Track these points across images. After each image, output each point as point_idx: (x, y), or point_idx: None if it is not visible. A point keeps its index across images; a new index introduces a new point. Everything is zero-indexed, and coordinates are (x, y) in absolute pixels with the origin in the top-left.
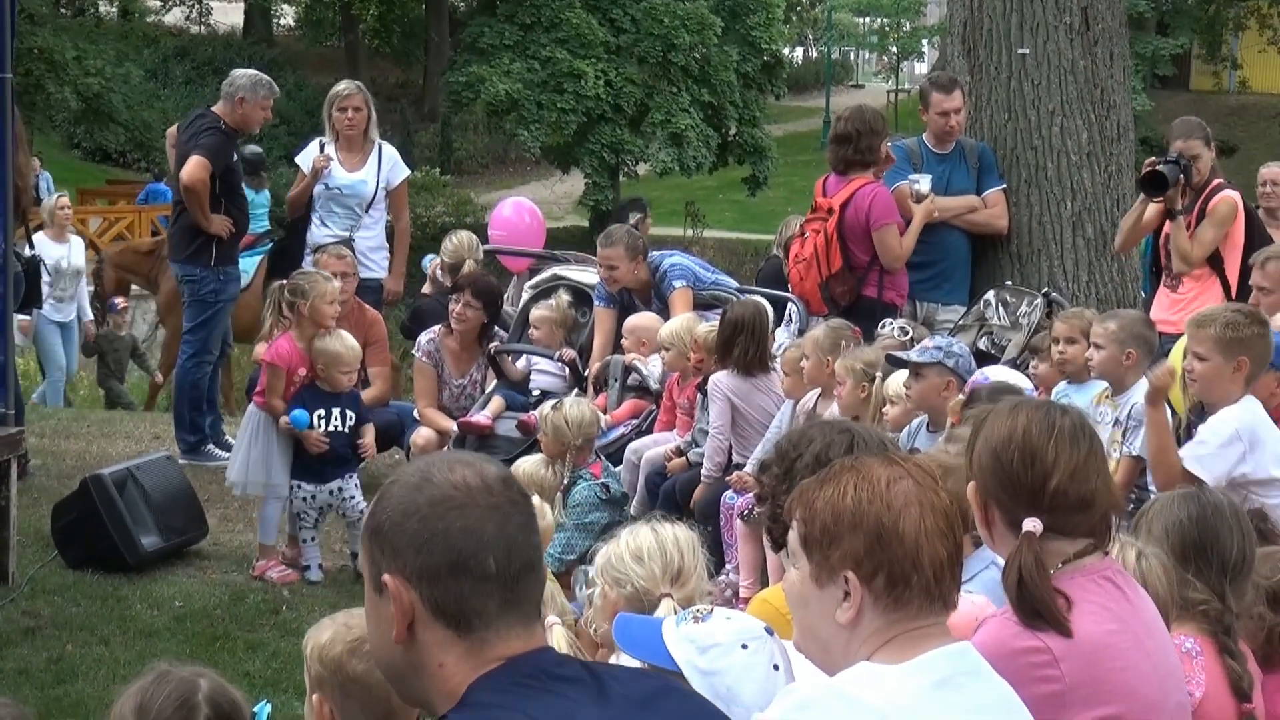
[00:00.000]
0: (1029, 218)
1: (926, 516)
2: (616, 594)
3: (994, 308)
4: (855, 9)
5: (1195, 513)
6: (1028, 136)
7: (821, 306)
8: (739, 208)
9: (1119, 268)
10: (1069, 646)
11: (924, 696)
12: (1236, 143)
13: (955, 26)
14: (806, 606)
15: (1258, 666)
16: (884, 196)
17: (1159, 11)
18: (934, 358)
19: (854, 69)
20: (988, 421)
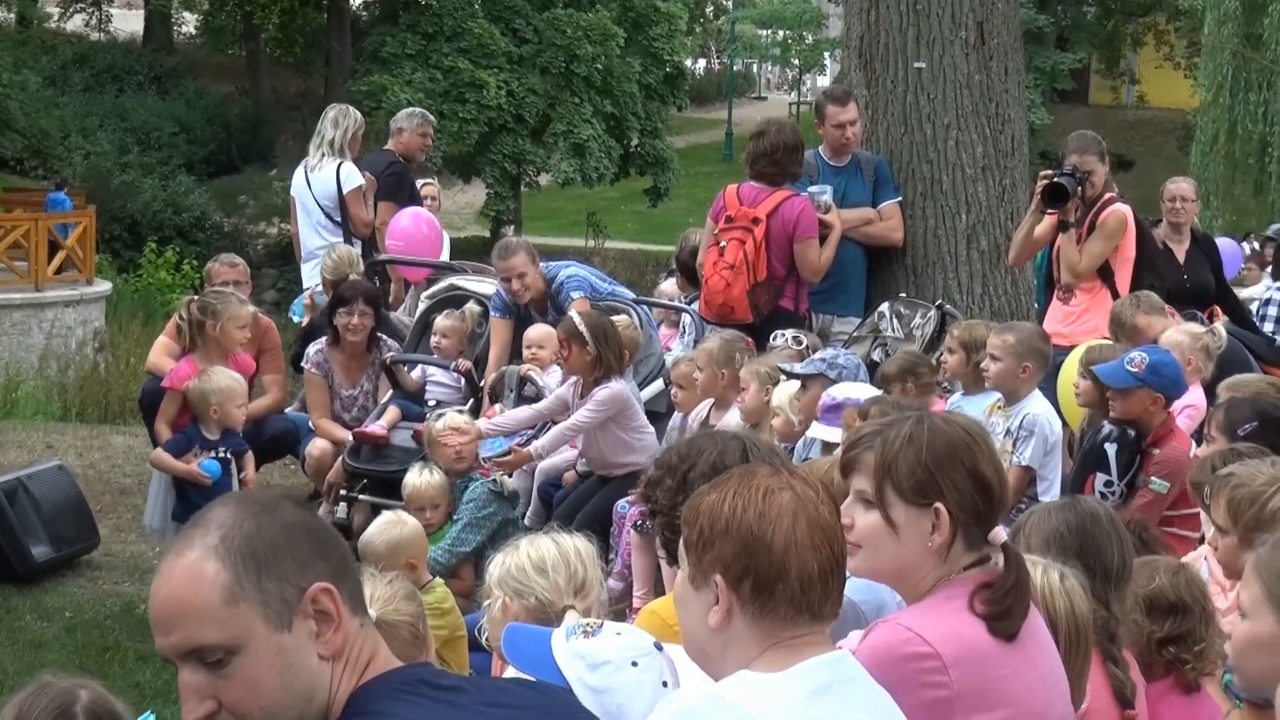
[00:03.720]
0: (924, 230)
1: (800, 528)
2: (518, 605)
3: (888, 320)
4: (758, 21)
5: (1074, 522)
6: (923, 150)
7: (748, 315)
8: (640, 219)
9: (1013, 280)
10: (958, 654)
11: (802, 704)
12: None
13: (852, 40)
14: (686, 608)
15: (1140, 674)
16: (809, 210)
17: (1059, 26)
18: (817, 369)
19: (756, 81)
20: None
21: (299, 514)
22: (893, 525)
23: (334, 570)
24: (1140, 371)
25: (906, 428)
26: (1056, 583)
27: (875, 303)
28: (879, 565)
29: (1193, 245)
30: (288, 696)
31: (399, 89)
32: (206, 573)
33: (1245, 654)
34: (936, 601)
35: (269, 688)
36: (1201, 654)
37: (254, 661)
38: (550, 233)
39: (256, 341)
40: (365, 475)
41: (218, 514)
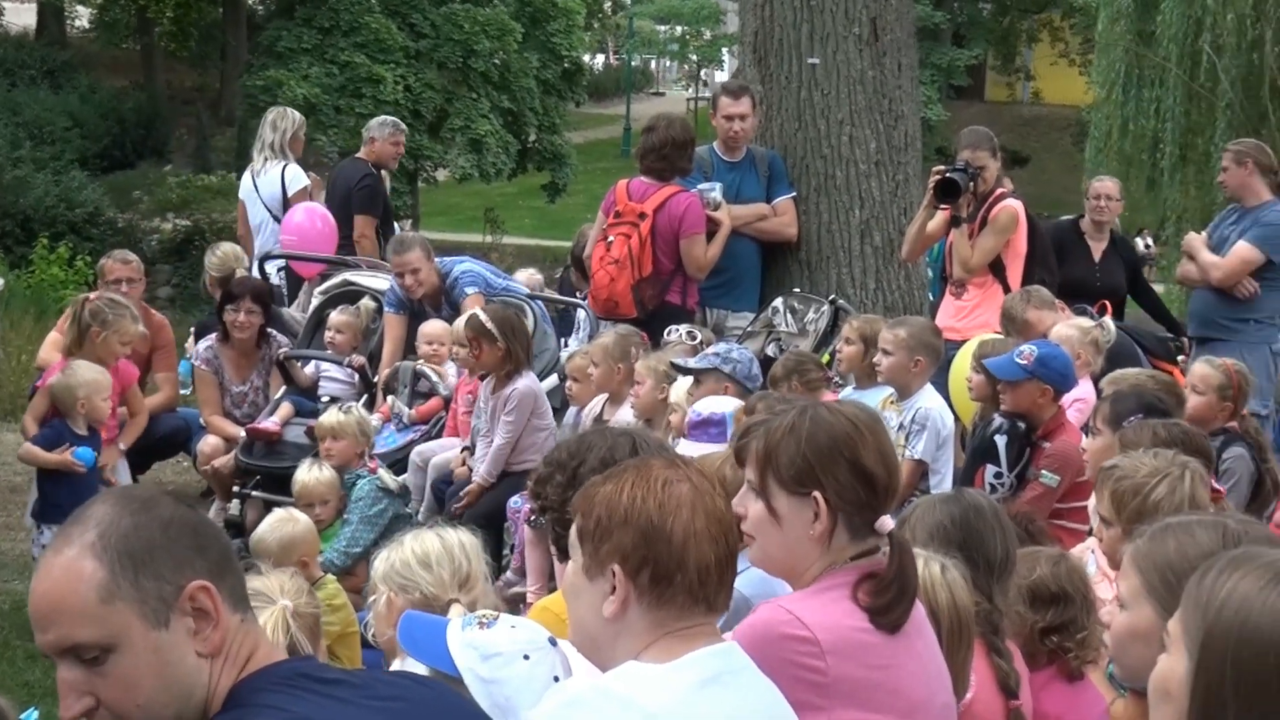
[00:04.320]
0: (818, 226)
1: (698, 519)
2: (403, 600)
3: (782, 315)
4: (656, 17)
5: (958, 515)
6: (817, 145)
7: (631, 309)
8: (538, 214)
9: (906, 275)
10: (836, 641)
11: (690, 694)
12: (1029, 153)
13: (747, 36)
14: (578, 598)
15: (1023, 664)
16: (696, 206)
17: (955, 23)
18: (711, 364)
19: (654, 77)
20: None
21: (178, 510)
22: (775, 514)
23: (213, 567)
24: (1029, 364)
25: (790, 418)
26: (938, 575)
27: (769, 298)
28: (768, 554)
29: (1110, 246)
30: (165, 694)
31: (295, 84)
32: (83, 571)
33: (1124, 644)
34: (819, 588)
35: (146, 685)
36: (1084, 642)
37: (131, 659)
38: (448, 229)
39: (150, 339)
40: (258, 471)
41: (96, 511)
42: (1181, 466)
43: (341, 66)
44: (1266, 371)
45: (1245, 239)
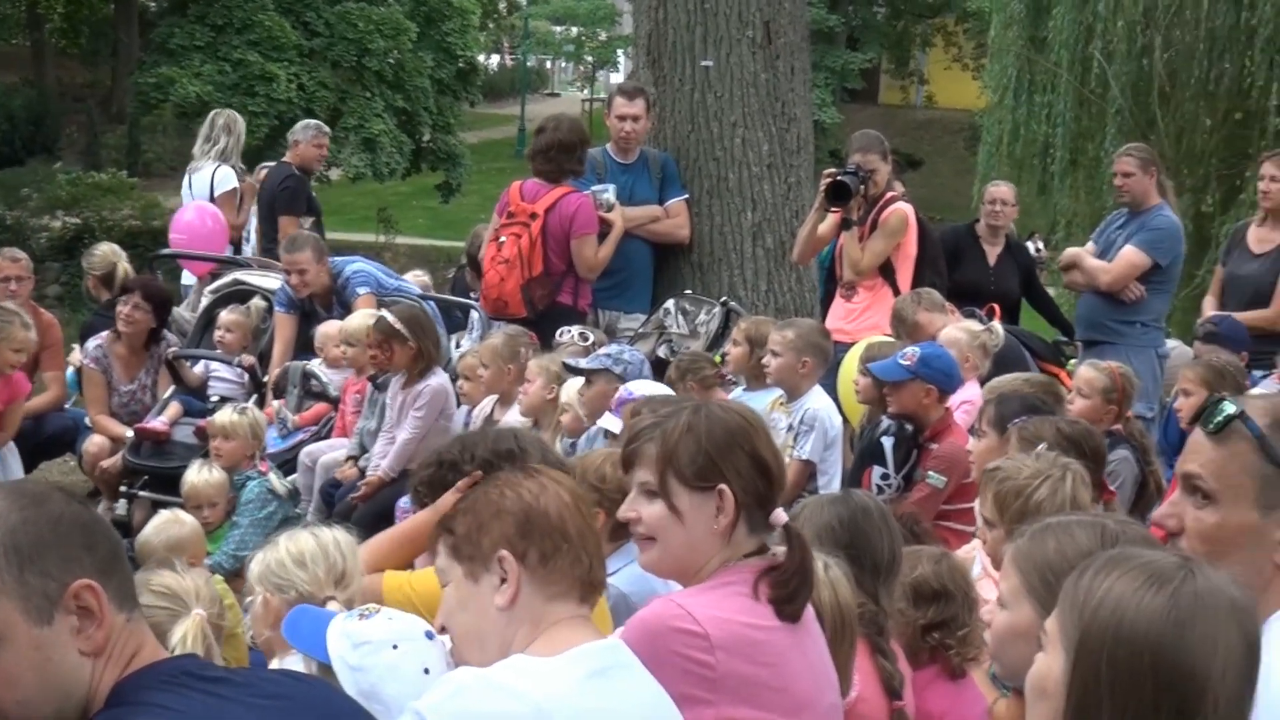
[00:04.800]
0: (710, 228)
1: (565, 496)
2: (279, 600)
3: (674, 316)
4: (551, 17)
5: (845, 516)
6: (710, 148)
7: (520, 309)
8: (432, 214)
9: (797, 277)
10: (726, 637)
11: (578, 685)
12: (922, 156)
13: (641, 38)
14: (465, 609)
15: (907, 664)
16: (588, 207)
17: (849, 26)
18: (603, 364)
19: (550, 77)
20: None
21: (69, 507)
22: (678, 513)
23: (101, 565)
24: (911, 365)
25: (684, 417)
26: (821, 573)
27: (661, 299)
28: (670, 554)
29: (1005, 250)
30: (44, 691)
31: (187, 81)
32: None
33: (1004, 643)
34: (713, 585)
35: (26, 681)
36: (965, 640)
37: (12, 655)
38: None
39: (39, 338)
40: (146, 471)
41: None
42: (1063, 468)
43: (234, 64)
44: (1152, 374)
45: (1133, 243)
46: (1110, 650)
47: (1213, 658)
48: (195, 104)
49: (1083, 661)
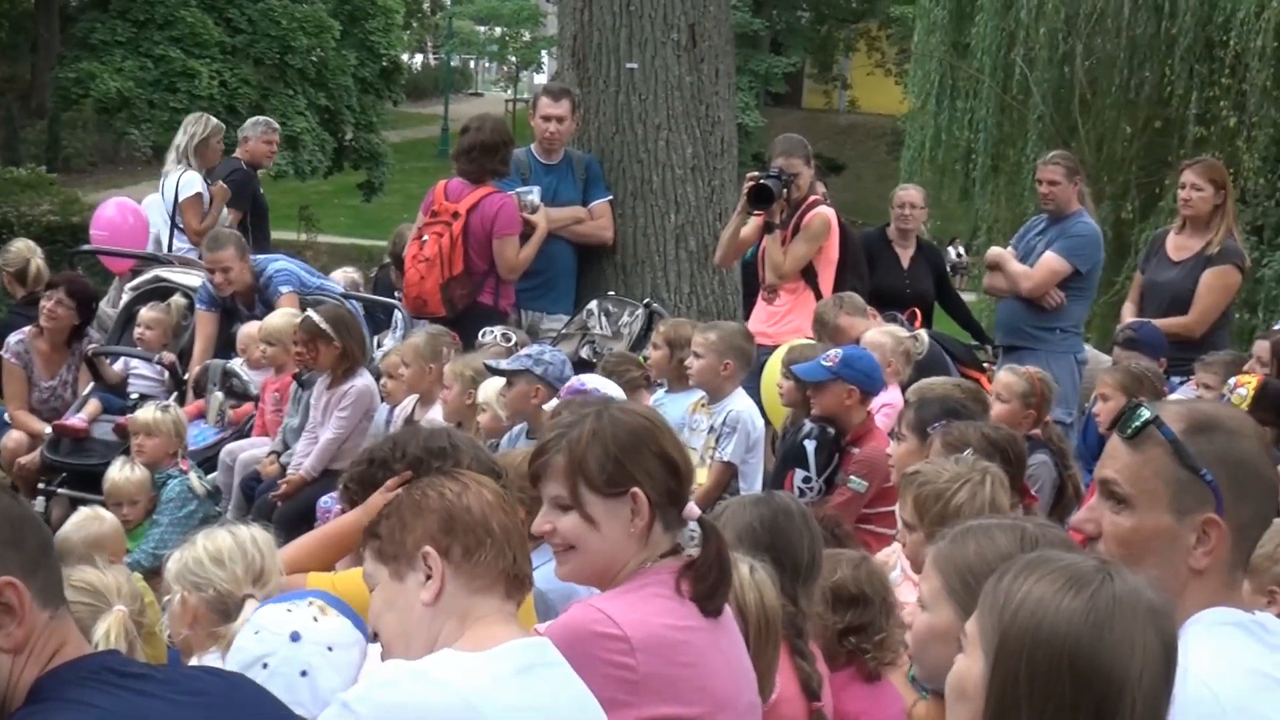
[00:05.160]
0: (634, 230)
1: (487, 495)
2: (197, 599)
3: (597, 317)
4: (475, 17)
5: (766, 517)
6: (634, 150)
7: (440, 308)
8: (354, 213)
9: (720, 280)
10: (646, 639)
11: (505, 681)
12: (845, 161)
13: (566, 39)
14: (392, 608)
15: (825, 665)
16: (510, 207)
17: (773, 30)
18: (523, 365)
19: (473, 77)
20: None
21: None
22: (593, 521)
23: (26, 562)
24: (834, 366)
25: (588, 424)
26: (746, 576)
27: (584, 300)
28: (589, 562)
29: (918, 252)
30: None
31: (108, 77)
32: None
33: (924, 645)
34: (631, 587)
35: None
36: (882, 644)
37: None
38: None
39: None
40: (64, 468)
41: None
42: (982, 472)
43: (156, 60)
44: (1071, 380)
45: (1053, 250)
46: (1029, 652)
47: (1130, 660)
48: (116, 100)
49: (1002, 663)
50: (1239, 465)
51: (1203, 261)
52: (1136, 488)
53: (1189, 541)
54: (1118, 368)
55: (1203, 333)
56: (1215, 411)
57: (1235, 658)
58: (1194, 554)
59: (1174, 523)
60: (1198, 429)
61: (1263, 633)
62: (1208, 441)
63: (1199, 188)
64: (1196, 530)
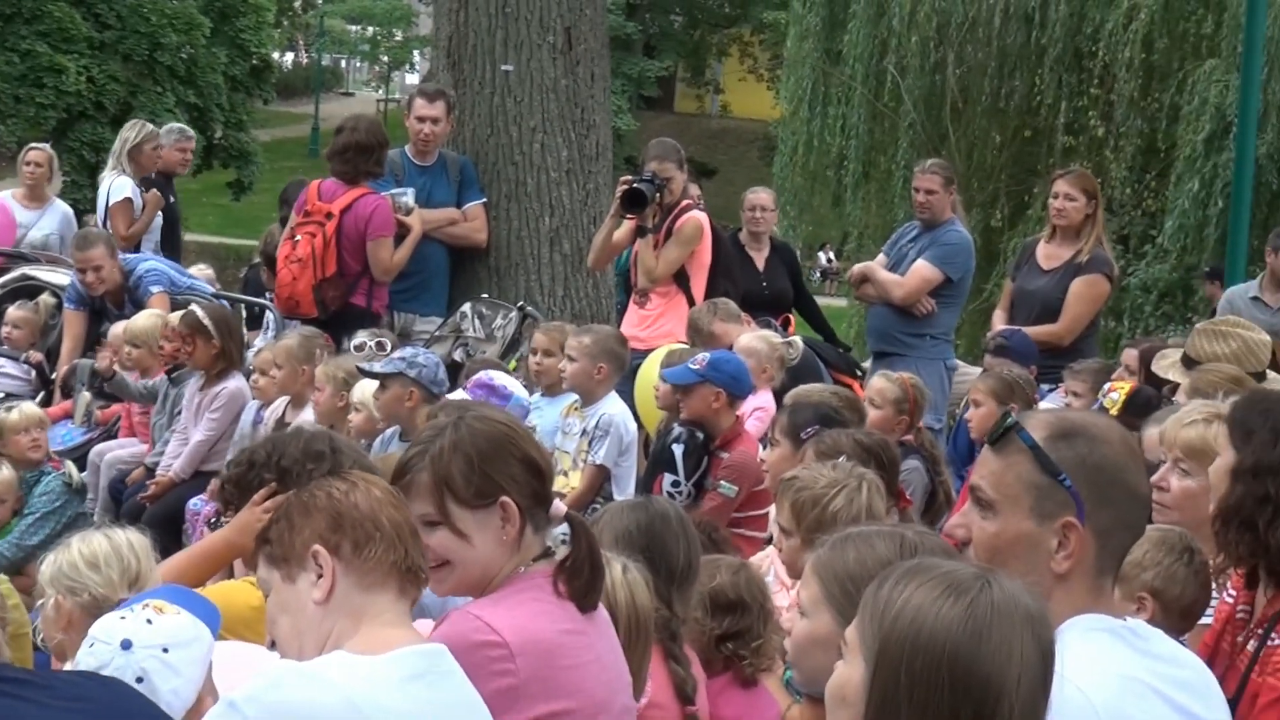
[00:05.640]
0: (508, 232)
1: (375, 492)
2: (72, 603)
3: (470, 320)
4: (347, 17)
5: (643, 521)
6: (509, 152)
7: (312, 309)
8: (223, 212)
9: (594, 283)
10: (525, 643)
11: (394, 687)
12: (717, 165)
13: (441, 40)
14: (286, 611)
15: (701, 670)
16: (384, 209)
17: (646, 34)
18: (397, 368)
19: (344, 76)
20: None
21: None
22: (464, 536)
23: None
24: (701, 368)
25: (447, 437)
26: (619, 575)
27: (457, 302)
28: (465, 576)
29: (772, 253)
30: None
31: None
32: None
33: (803, 651)
34: (507, 593)
35: None
36: (759, 650)
37: None
38: None
39: None
40: None
41: None
42: (859, 478)
43: (23, 55)
44: (940, 386)
45: (925, 258)
46: (909, 659)
47: (1008, 666)
48: None
49: (882, 670)
50: (1099, 471)
51: (1072, 270)
52: (1000, 493)
53: (1051, 546)
54: (990, 374)
55: (1072, 341)
56: (1081, 419)
57: (1108, 664)
58: (1055, 558)
59: (1035, 527)
60: (1060, 435)
61: (1134, 638)
62: (1068, 447)
63: (1072, 197)
64: (1058, 535)
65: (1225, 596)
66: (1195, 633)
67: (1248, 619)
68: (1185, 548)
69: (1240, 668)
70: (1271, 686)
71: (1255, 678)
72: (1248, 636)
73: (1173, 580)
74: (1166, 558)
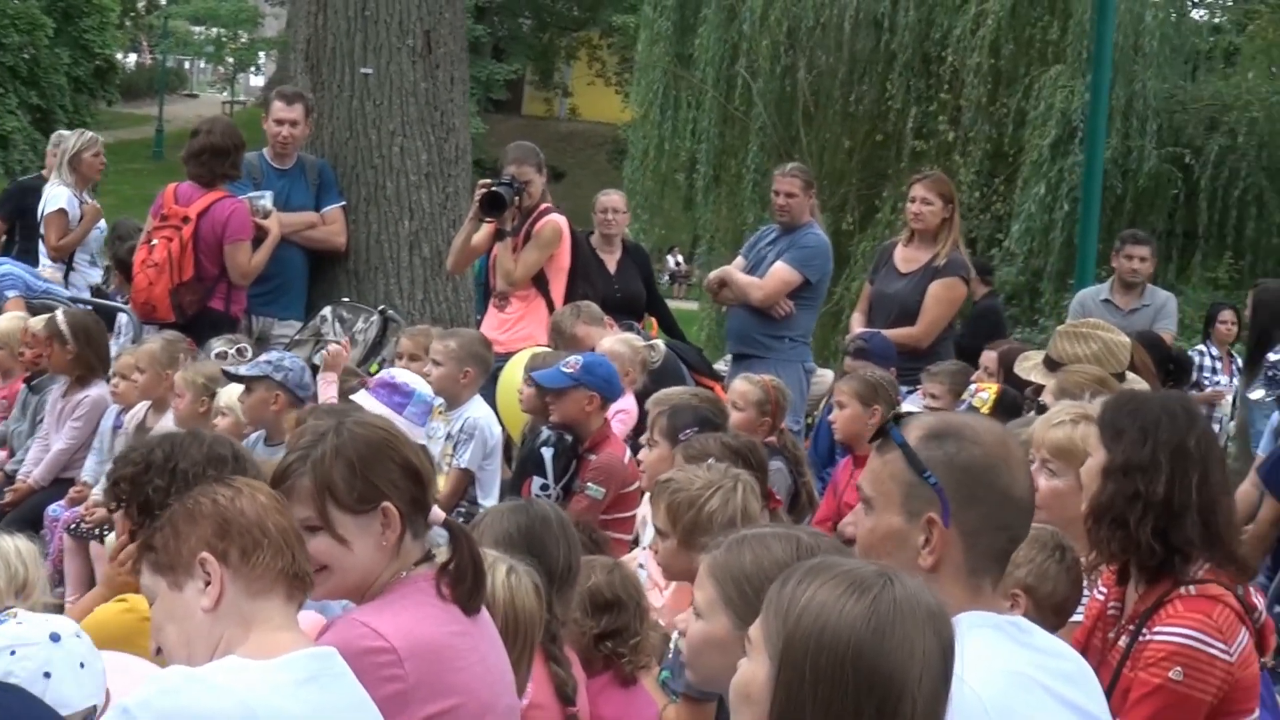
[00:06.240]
0: (367, 236)
1: (261, 497)
2: None
3: (330, 324)
4: (191, 18)
5: (524, 524)
6: (368, 155)
7: (169, 314)
8: None
9: (454, 287)
10: (412, 647)
11: (288, 691)
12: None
13: (299, 43)
14: (173, 619)
15: (582, 671)
16: (241, 212)
17: (495, 37)
18: (263, 371)
19: (189, 78)
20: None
21: None
22: (344, 541)
23: None
24: (575, 372)
25: (328, 443)
26: (502, 576)
27: (317, 306)
28: (345, 580)
29: (625, 256)
30: None
31: None
32: None
33: (700, 652)
34: (391, 599)
35: None
36: (637, 648)
37: None
38: None
39: None
40: None
41: None
42: (734, 479)
43: None
44: (799, 388)
45: (784, 260)
46: (813, 656)
47: (911, 662)
48: None
49: (787, 668)
50: (965, 471)
51: (930, 273)
52: (876, 490)
53: (916, 542)
54: (854, 376)
55: (930, 343)
56: (961, 421)
57: (994, 659)
58: (921, 554)
59: (905, 523)
60: (933, 436)
61: (1018, 633)
62: (938, 447)
63: (929, 201)
64: (924, 531)
65: (1096, 594)
66: (1067, 630)
67: (1119, 615)
68: (1057, 545)
69: (1112, 663)
70: (1144, 681)
71: (1127, 672)
72: (1119, 632)
73: (1045, 577)
74: (1039, 555)
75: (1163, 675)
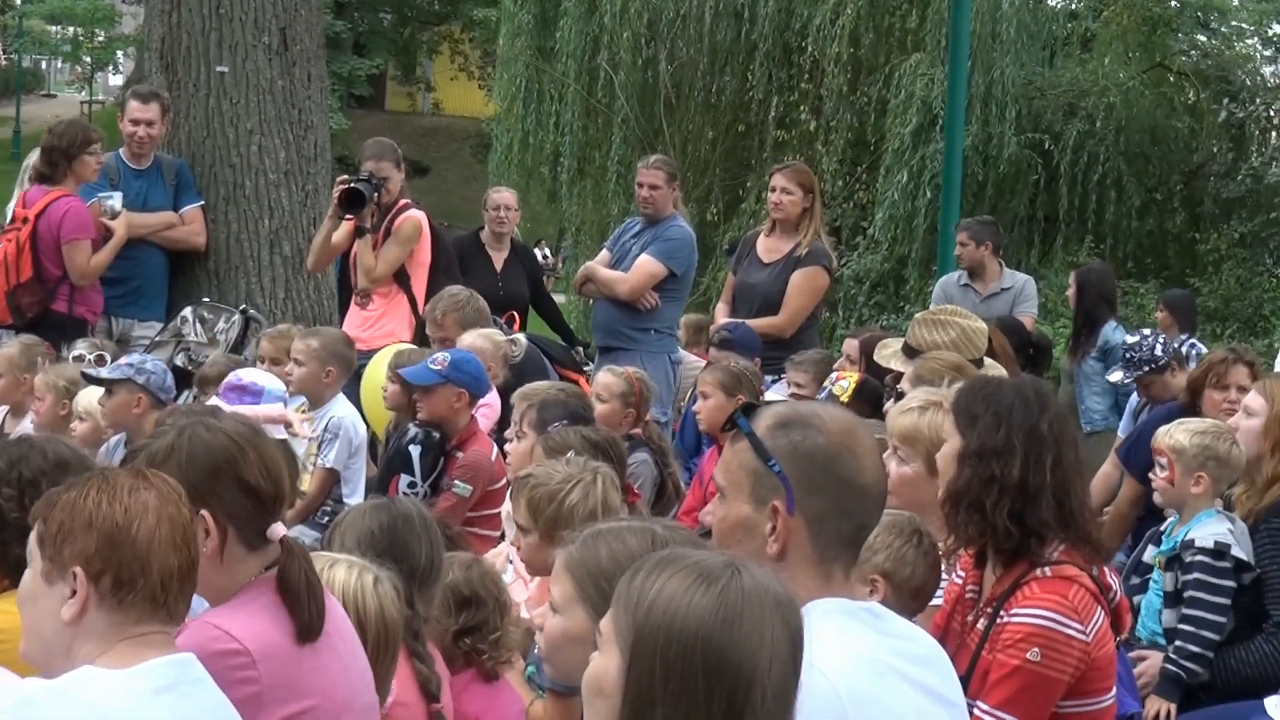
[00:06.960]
0: (227, 235)
1: (163, 526)
2: None
3: (191, 324)
4: (47, 17)
5: (386, 522)
6: (226, 154)
7: (7, 316)
8: None
9: (315, 285)
10: (265, 649)
11: (145, 701)
12: (430, 163)
13: (154, 42)
14: (35, 604)
15: (445, 667)
16: (78, 210)
17: (356, 32)
18: (125, 374)
19: (45, 78)
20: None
21: None
22: None
23: None
24: (443, 369)
25: (168, 439)
26: (370, 585)
27: (177, 307)
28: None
29: (512, 255)
30: None
31: None
32: None
33: (558, 647)
34: (242, 601)
35: None
36: (497, 644)
37: None
38: None
39: None
40: None
41: None
42: (593, 472)
43: None
44: (666, 380)
45: (649, 253)
46: (663, 648)
47: (759, 652)
48: None
49: (637, 660)
50: (809, 459)
51: (792, 263)
52: (727, 480)
53: (763, 530)
54: (718, 366)
55: (793, 333)
56: (808, 410)
57: (848, 645)
58: (768, 541)
59: (752, 512)
60: (779, 425)
61: (872, 619)
62: (784, 436)
63: (789, 191)
64: (771, 519)
65: (954, 578)
66: (926, 614)
67: (977, 598)
68: (914, 530)
69: (971, 646)
70: (1002, 662)
71: (986, 655)
72: (978, 615)
73: (903, 562)
74: (896, 540)
75: (1020, 656)
